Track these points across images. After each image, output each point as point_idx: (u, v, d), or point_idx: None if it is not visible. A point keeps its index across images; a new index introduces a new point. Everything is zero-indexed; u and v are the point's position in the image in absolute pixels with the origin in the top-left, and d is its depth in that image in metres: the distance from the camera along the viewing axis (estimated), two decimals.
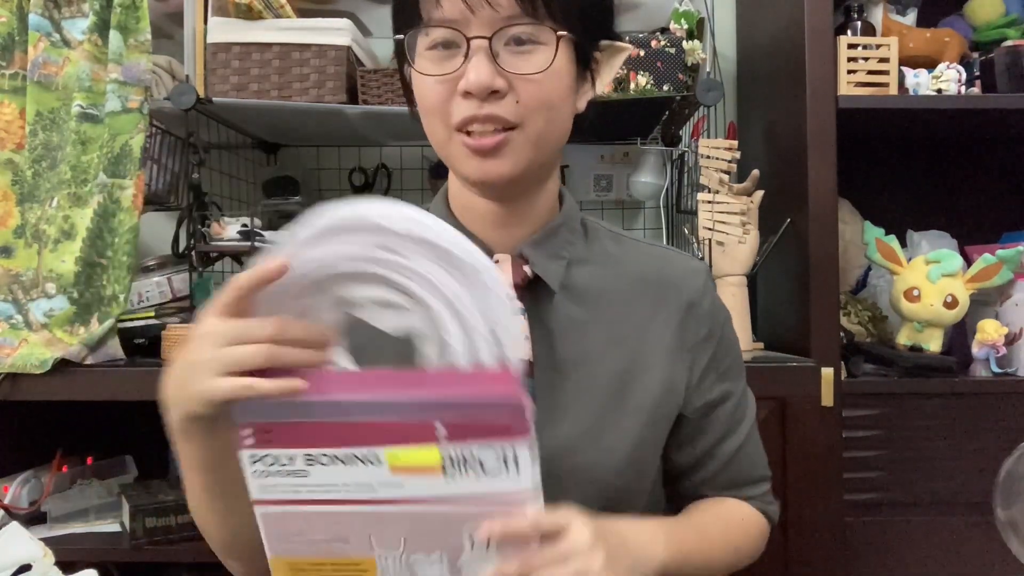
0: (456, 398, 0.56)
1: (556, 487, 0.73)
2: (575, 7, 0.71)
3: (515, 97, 0.70)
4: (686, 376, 0.82)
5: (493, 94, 0.70)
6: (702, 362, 0.83)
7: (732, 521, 0.86)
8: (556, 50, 0.70)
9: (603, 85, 0.80)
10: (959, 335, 1.57)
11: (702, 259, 1.42)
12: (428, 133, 0.76)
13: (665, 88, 1.41)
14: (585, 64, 0.76)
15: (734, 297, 1.43)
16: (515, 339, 0.60)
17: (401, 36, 0.73)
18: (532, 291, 0.79)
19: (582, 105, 0.78)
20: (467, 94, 0.70)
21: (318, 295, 0.61)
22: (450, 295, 0.59)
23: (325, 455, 0.58)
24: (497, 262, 0.79)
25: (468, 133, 0.72)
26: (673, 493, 0.91)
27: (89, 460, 1.44)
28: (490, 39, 0.68)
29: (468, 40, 0.69)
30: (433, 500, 0.58)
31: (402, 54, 0.76)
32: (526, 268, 0.78)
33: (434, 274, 0.59)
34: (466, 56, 0.69)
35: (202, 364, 0.58)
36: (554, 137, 0.75)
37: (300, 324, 0.60)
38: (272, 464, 0.58)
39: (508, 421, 0.56)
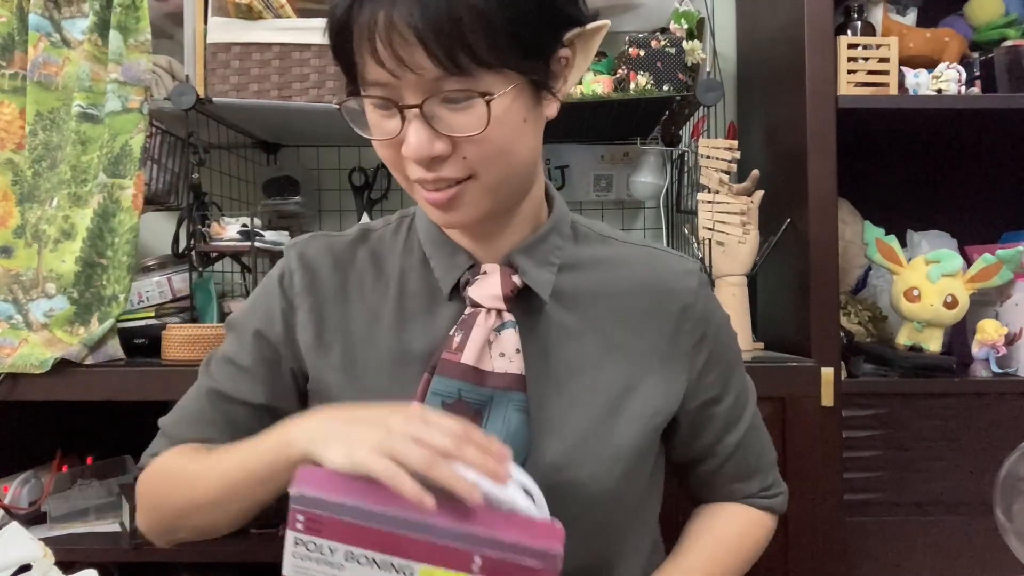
0: (501, 538, 0.60)
1: (554, 499, 0.73)
2: (503, 43, 0.65)
3: (461, 154, 0.68)
4: (684, 381, 0.81)
5: (436, 159, 0.67)
6: (699, 364, 0.82)
7: (729, 542, 0.87)
8: (488, 109, 0.65)
9: (582, 70, 0.77)
10: (959, 335, 1.58)
11: (701, 258, 1.42)
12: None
13: (665, 88, 1.41)
14: (541, 84, 0.71)
15: (734, 297, 1.43)
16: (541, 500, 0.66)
17: (348, 98, 0.70)
18: (522, 300, 0.78)
19: (553, 111, 0.75)
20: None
21: None
22: None
23: (365, 556, 0.61)
24: (484, 273, 0.77)
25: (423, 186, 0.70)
26: (680, 483, 0.92)
27: (89, 460, 1.44)
28: (421, 106, 0.65)
29: (400, 109, 0.66)
30: None
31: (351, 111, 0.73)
32: (515, 278, 0.77)
33: None
34: (404, 121, 0.67)
35: (380, 439, 0.61)
36: (518, 171, 0.73)
37: (480, 438, 0.63)
38: (313, 551, 0.61)
39: (542, 569, 0.59)
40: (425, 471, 0.59)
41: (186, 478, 0.76)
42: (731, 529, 0.87)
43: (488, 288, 0.76)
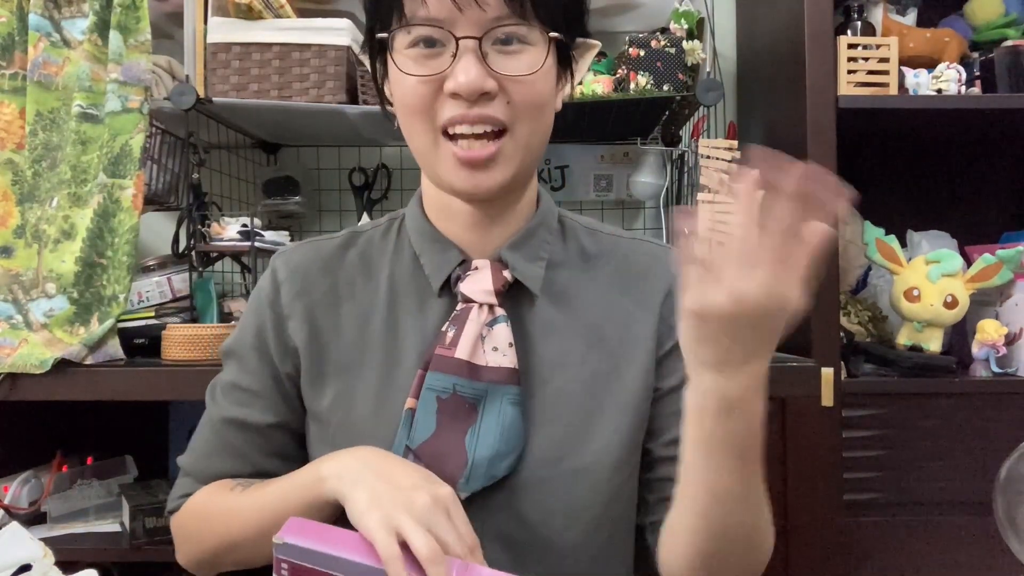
0: None
1: (548, 492, 0.73)
2: (559, 6, 0.70)
3: (505, 98, 0.69)
4: (652, 359, 0.80)
5: (483, 96, 0.68)
6: (667, 345, 0.80)
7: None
8: (548, 51, 0.69)
9: (576, 82, 0.80)
10: (959, 335, 1.57)
11: None
12: (408, 136, 0.74)
13: (665, 88, 1.41)
14: (566, 64, 0.75)
15: None
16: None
17: (384, 35, 0.71)
18: (512, 296, 0.78)
19: (559, 104, 0.78)
20: (455, 95, 0.68)
21: None
22: None
23: None
24: (476, 268, 0.78)
25: (454, 139, 0.70)
26: (645, 488, 0.84)
27: (89, 460, 1.44)
28: (480, 39, 0.67)
29: (457, 40, 0.67)
30: None
31: (375, 50, 0.74)
32: (506, 273, 0.77)
33: None
34: (454, 56, 0.67)
35: (397, 514, 0.62)
36: (541, 139, 0.74)
37: (481, 560, 0.63)
38: None
39: None
40: (426, 565, 0.60)
41: (222, 517, 0.77)
42: None
43: (480, 283, 0.76)
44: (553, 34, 0.69)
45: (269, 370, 0.82)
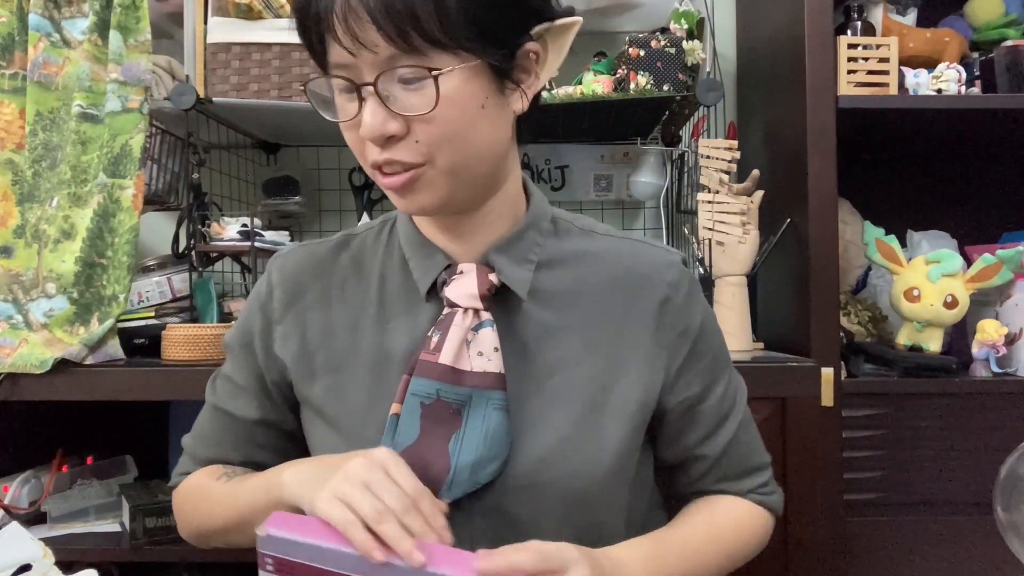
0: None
1: (537, 498, 0.73)
2: (456, 23, 0.65)
3: (414, 137, 0.68)
4: (663, 375, 0.80)
5: (391, 138, 0.68)
6: (678, 359, 0.81)
7: (724, 527, 0.85)
8: (436, 86, 0.65)
9: (555, 67, 0.75)
10: (959, 335, 1.57)
11: (701, 259, 1.42)
12: None
13: (665, 88, 1.41)
14: (502, 72, 0.70)
15: (734, 297, 1.43)
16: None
17: (304, 84, 0.74)
18: (500, 299, 0.78)
19: (521, 105, 0.73)
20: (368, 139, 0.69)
21: None
22: None
23: None
24: (461, 272, 0.77)
25: (382, 171, 0.71)
26: (670, 491, 0.90)
27: (89, 460, 1.44)
28: (375, 84, 0.66)
29: (358, 87, 0.68)
30: None
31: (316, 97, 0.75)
32: (492, 276, 0.77)
33: None
34: (363, 101, 0.68)
35: (341, 483, 0.65)
36: (476, 159, 0.71)
37: (428, 508, 0.66)
38: None
39: None
40: (372, 525, 0.62)
41: (206, 505, 0.84)
42: (728, 516, 0.86)
43: (464, 287, 0.76)
44: (435, 70, 0.65)
45: (255, 370, 0.85)
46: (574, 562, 0.64)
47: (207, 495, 0.84)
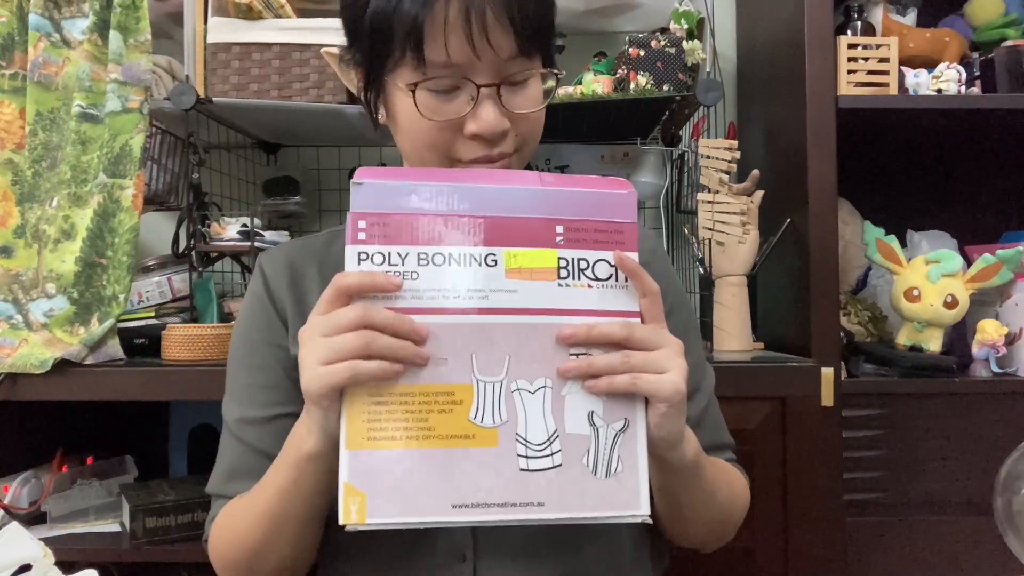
0: (576, 192, 0.59)
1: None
2: (547, 36, 0.75)
3: (515, 130, 0.74)
4: None
5: (500, 134, 0.72)
6: None
7: (727, 469, 0.85)
8: (553, 84, 0.75)
9: None
10: (959, 335, 1.57)
11: (701, 259, 1.42)
12: (408, 153, 0.78)
13: (665, 88, 1.41)
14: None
15: (734, 297, 1.43)
16: None
17: (413, 83, 0.70)
18: None
19: None
20: (475, 136, 0.72)
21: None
22: None
23: (440, 254, 0.56)
24: None
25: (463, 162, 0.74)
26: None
27: (89, 460, 1.44)
28: (498, 85, 0.71)
29: (478, 87, 0.70)
30: (545, 311, 0.58)
31: (372, 81, 0.77)
32: None
33: None
34: (471, 99, 0.70)
35: (307, 358, 0.59)
36: (535, 152, 0.81)
37: (388, 313, 0.57)
38: (381, 263, 0.56)
39: (621, 225, 0.59)
40: (368, 351, 0.57)
41: (243, 521, 0.74)
42: (724, 464, 0.85)
43: None
44: (556, 71, 0.75)
45: (282, 359, 0.80)
46: (667, 335, 0.64)
47: (235, 511, 0.76)
